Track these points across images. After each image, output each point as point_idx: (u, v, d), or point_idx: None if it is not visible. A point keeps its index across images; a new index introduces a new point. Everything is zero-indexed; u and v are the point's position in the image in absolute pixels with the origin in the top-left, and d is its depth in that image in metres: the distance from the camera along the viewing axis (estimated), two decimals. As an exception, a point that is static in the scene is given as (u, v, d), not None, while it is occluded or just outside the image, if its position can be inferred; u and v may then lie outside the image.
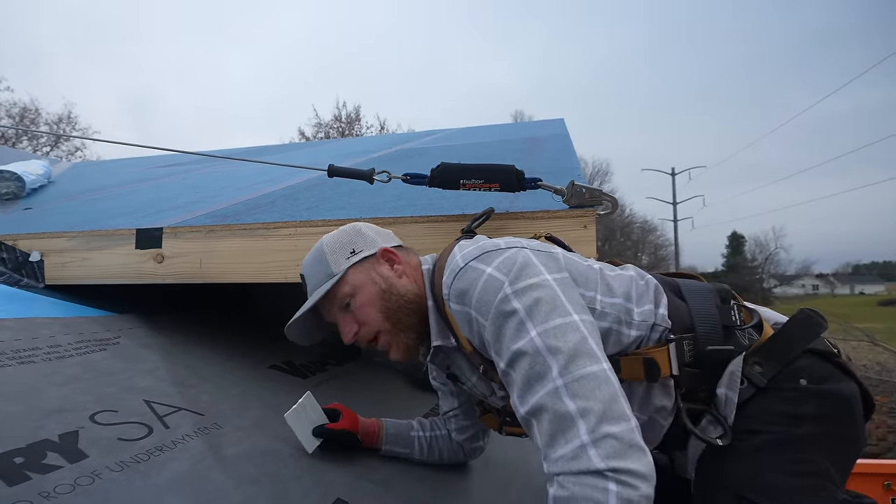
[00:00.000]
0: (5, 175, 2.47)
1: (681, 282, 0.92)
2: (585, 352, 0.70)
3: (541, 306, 0.73)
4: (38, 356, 1.09)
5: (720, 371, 0.83)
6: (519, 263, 0.77)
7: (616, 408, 0.67)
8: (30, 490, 0.71)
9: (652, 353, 0.81)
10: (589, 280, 0.84)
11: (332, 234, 0.99)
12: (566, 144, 2.54)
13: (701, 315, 0.85)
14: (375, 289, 0.91)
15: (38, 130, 15.01)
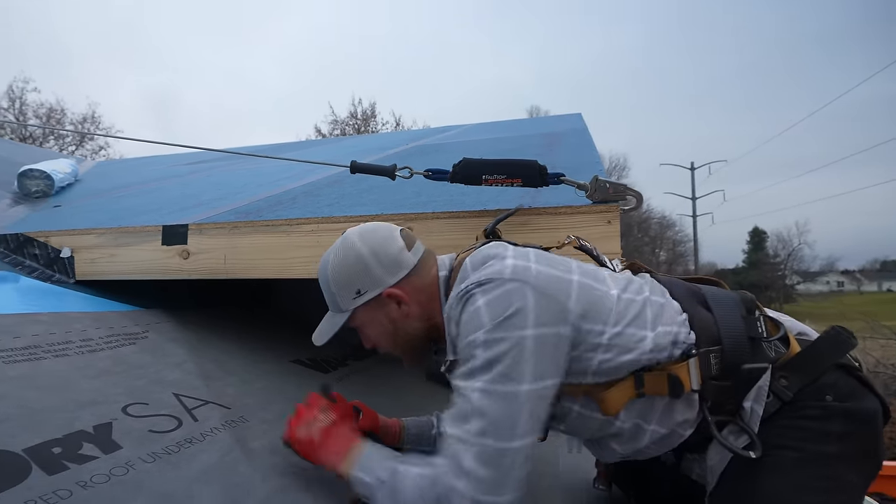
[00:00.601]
0: (35, 173, 2.53)
1: (706, 290, 0.91)
2: (509, 426, 0.73)
3: (499, 365, 0.75)
4: (72, 349, 1.12)
5: (750, 385, 0.82)
6: (510, 310, 0.76)
7: (506, 482, 0.73)
8: (68, 479, 0.73)
9: (675, 370, 0.82)
10: (601, 311, 0.82)
11: (338, 261, 0.90)
12: (585, 139, 2.51)
13: (727, 327, 0.84)
14: (382, 329, 0.93)
15: (65, 129, 15.42)
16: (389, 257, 0.89)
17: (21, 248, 1.64)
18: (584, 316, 0.80)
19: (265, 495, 0.85)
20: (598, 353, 0.81)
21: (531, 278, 0.79)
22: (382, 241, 0.90)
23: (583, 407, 0.87)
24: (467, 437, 0.74)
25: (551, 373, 0.78)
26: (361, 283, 0.89)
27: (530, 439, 0.76)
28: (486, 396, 0.74)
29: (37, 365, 1.01)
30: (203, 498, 0.79)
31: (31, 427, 0.81)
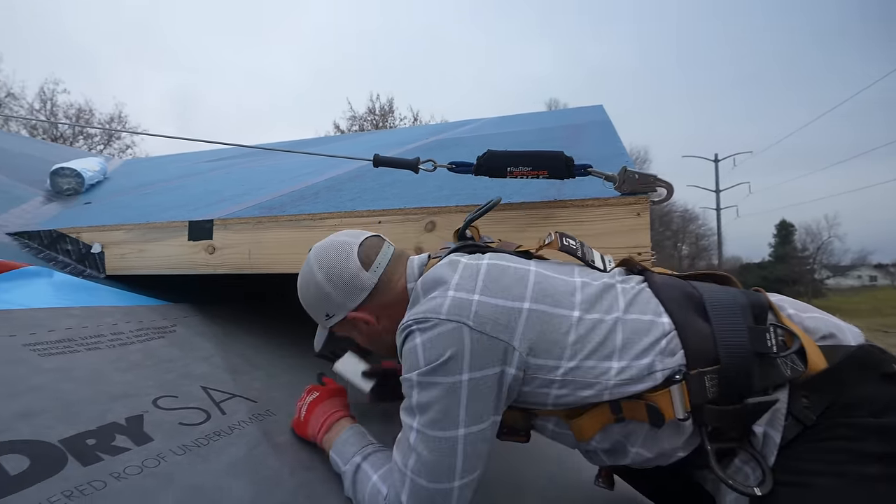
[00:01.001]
0: (66, 172, 2.60)
1: (707, 293, 0.78)
2: (444, 469, 0.73)
3: (432, 410, 0.73)
4: (103, 343, 1.15)
5: (759, 413, 0.71)
6: (444, 356, 0.72)
7: None
8: (102, 470, 0.74)
9: (655, 398, 0.72)
10: (554, 344, 0.74)
11: (303, 289, 0.92)
12: (608, 131, 2.46)
13: (728, 342, 0.72)
14: (361, 339, 0.95)
15: (94, 126, 15.87)
16: (344, 282, 0.87)
17: (54, 244, 1.68)
18: (532, 351, 0.74)
19: (293, 489, 0.85)
20: (552, 389, 0.75)
21: (469, 317, 0.73)
22: (336, 265, 0.87)
23: (556, 426, 0.83)
24: (405, 470, 0.75)
25: (490, 412, 0.74)
26: (327, 308, 0.90)
27: (470, 477, 0.74)
28: (422, 440, 0.74)
29: (71, 358, 1.03)
30: (233, 491, 0.79)
31: (67, 418, 0.83)
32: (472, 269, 0.79)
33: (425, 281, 0.81)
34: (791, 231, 29.89)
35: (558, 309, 0.76)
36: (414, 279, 0.88)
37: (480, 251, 0.88)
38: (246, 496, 0.79)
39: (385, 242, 0.93)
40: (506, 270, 0.79)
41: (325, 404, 0.99)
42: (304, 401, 1.01)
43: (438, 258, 0.88)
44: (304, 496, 0.84)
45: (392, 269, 0.89)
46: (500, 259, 0.82)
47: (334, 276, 0.87)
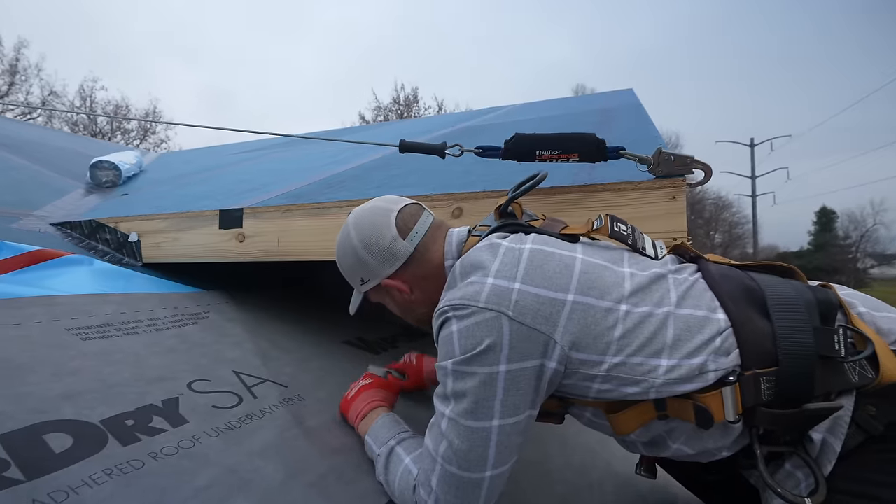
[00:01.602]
0: (105, 164, 2.69)
1: (769, 287, 0.72)
2: (476, 459, 0.71)
3: (466, 400, 0.71)
4: (140, 328, 1.18)
5: (817, 420, 0.67)
6: (481, 345, 0.69)
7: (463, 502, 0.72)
8: (141, 450, 0.76)
9: (704, 399, 0.67)
10: (598, 338, 0.69)
11: (340, 253, 0.91)
12: (640, 114, 2.37)
13: (790, 343, 0.66)
14: (396, 308, 0.95)
15: (131, 118, 16.45)
16: (381, 249, 0.86)
17: (94, 234, 1.75)
18: (574, 345, 0.69)
19: (323, 471, 0.86)
20: (594, 384, 0.72)
21: (510, 307, 0.69)
22: (374, 232, 0.86)
23: (594, 416, 0.81)
24: (436, 457, 0.74)
25: (526, 405, 0.71)
26: (362, 273, 0.90)
27: (502, 468, 0.73)
28: (453, 428, 0.72)
29: (110, 342, 1.07)
30: (266, 472, 0.81)
31: (107, 400, 0.86)
32: (513, 254, 0.74)
33: (464, 263, 0.77)
34: (832, 218, 28.52)
35: (604, 301, 0.71)
36: (452, 257, 0.86)
37: (523, 231, 0.82)
38: (278, 478, 0.80)
39: (425, 211, 0.91)
40: (550, 257, 0.74)
41: (370, 392, 1.00)
42: (358, 383, 1.04)
43: (479, 237, 0.84)
44: (335, 478, 0.85)
45: (430, 240, 0.88)
46: (545, 244, 0.76)
47: (370, 242, 0.86)
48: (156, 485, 0.71)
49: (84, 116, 15.53)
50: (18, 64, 14.90)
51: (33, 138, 3.53)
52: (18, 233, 1.63)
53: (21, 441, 0.70)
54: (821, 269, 23.33)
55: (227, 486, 0.75)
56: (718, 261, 0.82)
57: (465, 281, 0.74)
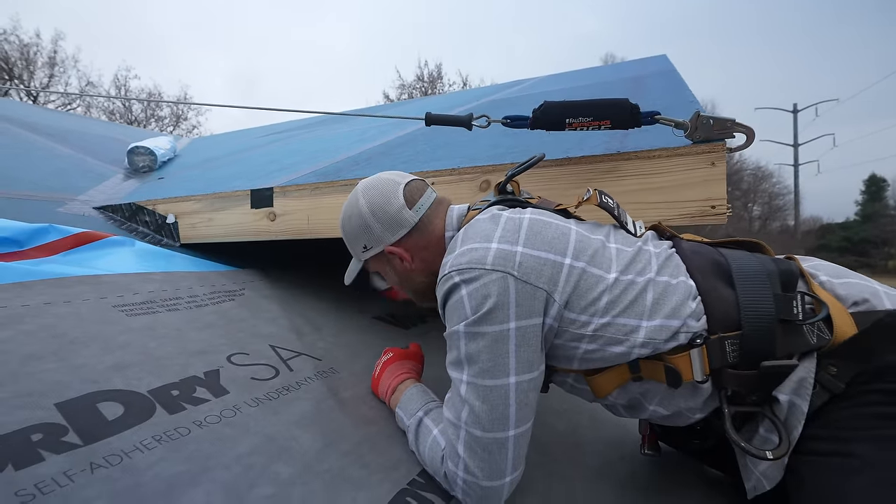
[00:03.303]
0: (141, 150, 2.78)
1: (735, 260, 0.78)
2: (498, 419, 0.73)
3: (481, 360, 0.74)
4: (181, 304, 1.23)
5: (779, 378, 0.72)
6: (489, 304, 0.73)
7: (500, 468, 0.74)
8: (186, 418, 0.80)
9: (674, 360, 0.74)
10: (590, 299, 0.75)
11: (346, 219, 0.95)
12: (675, 79, 2.27)
13: (751, 308, 0.73)
14: (393, 276, 0.97)
15: (165, 101, 16.88)
16: (388, 216, 0.90)
17: (134, 216, 1.81)
18: (568, 304, 0.75)
19: (358, 440, 0.88)
20: (582, 344, 0.77)
21: (514, 268, 0.74)
22: (382, 200, 0.90)
23: (575, 381, 0.86)
24: (459, 423, 0.76)
25: (536, 363, 0.76)
26: (366, 240, 0.92)
27: (524, 427, 0.75)
28: (472, 390, 0.75)
29: (154, 318, 1.11)
30: (303, 441, 0.84)
31: (153, 371, 0.90)
32: (514, 222, 0.80)
33: (467, 232, 0.82)
34: (882, 186, 26.81)
35: (595, 269, 0.77)
36: (453, 228, 0.91)
37: (521, 206, 0.88)
38: (314, 446, 0.83)
39: (428, 187, 0.95)
40: (548, 225, 0.80)
41: (394, 365, 1.03)
42: (381, 360, 1.06)
43: (478, 210, 0.89)
44: (368, 448, 0.87)
45: (433, 213, 0.92)
46: (542, 215, 0.83)
47: (378, 209, 0.90)
48: (201, 450, 0.74)
49: (120, 105, 16.03)
50: (56, 56, 15.44)
51: (74, 127, 3.67)
52: (64, 216, 1.71)
53: (77, 409, 0.75)
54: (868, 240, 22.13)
55: (268, 453, 0.78)
56: (692, 239, 0.88)
57: (468, 246, 0.78)
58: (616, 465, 1.07)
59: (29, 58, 14.79)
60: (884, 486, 0.65)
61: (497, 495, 0.76)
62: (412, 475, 0.84)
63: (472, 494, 0.76)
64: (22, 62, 14.62)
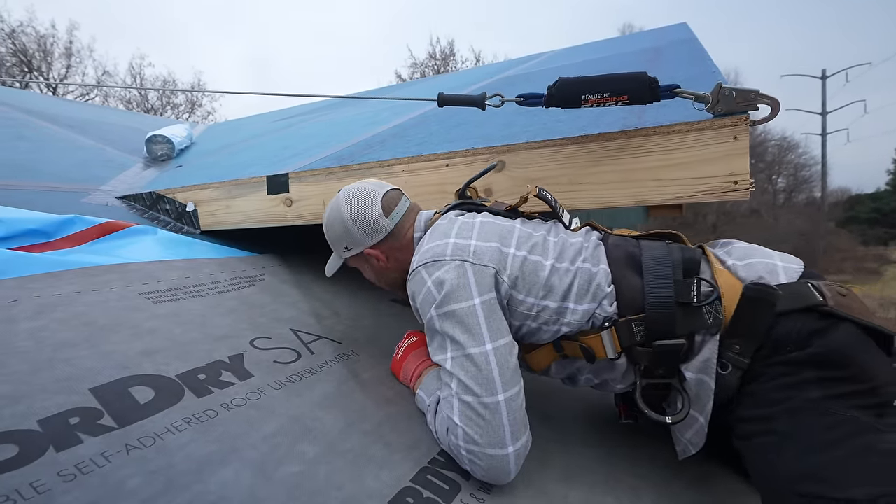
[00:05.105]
0: (159, 139, 2.82)
1: (647, 252, 0.88)
2: (485, 383, 0.80)
3: (457, 335, 0.83)
4: (204, 291, 1.26)
5: (673, 356, 0.82)
6: (450, 285, 0.84)
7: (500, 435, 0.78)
8: (213, 401, 0.83)
9: (588, 340, 0.86)
10: (532, 282, 0.86)
11: (329, 222, 1.05)
12: (696, 49, 2.18)
13: (653, 294, 0.83)
14: (370, 272, 1.09)
15: (180, 88, 17.02)
16: (367, 224, 1.01)
17: (155, 205, 1.85)
18: (514, 286, 0.86)
19: (379, 420, 0.91)
20: (526, 322, 0.88)
21: (469, 255, 0.86)
22: (362, 209, 1.01)
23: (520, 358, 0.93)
24: (451, 394, 0.82)
25: (506, 330, 0.84)
26: (347, 242, 1.03)
27: (512, 391, 0.81)
28: (457, 364, 0.82)
29: (178, 304, 1.15)
30: (326, 421, 0.86)
31: (181, 356, 0.93)
32: (468, 223, 0.93)
33: (431, 234, 0.94)
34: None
35: (536, 257, 0.88)
36: (420, 230, 1.02)
37: (476, 210, 1.00)
38: (337, 426, 0.86)
39: (403, 196, 1.07)
40: (496, 225, 0.92)
41: (418, 351, 1.04)
42: (403, 343, 1.09)
43: (440, 213, 1.01)
44: (389, 428, 0.89)
45: (405, 220, 1.04)
46: (491, 217, 0.95)
47: (359, 217, 1.01)
48: (229, 432, 0.77)
49: (136, 93, 16.19)
50: (72, 46, 15.59)
51: (93, 117, 3.73)
52: (89, 206, 1.75)
53: (111, 393, 0.78)
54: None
55: (293, 434, 0.81)
56: (621, 233, 0.97)
57: (431, 245, 0.90)
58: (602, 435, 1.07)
59: (46, 49, 14.97)
60: (806, 453, 0.71)
61: (502, 465, 0.78)
62: (433, 454, 0.85)
63: (478, 463, 0.78)
64: (40, 54, 14.82)
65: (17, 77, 13.40)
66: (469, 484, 0.80)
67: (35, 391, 0.74)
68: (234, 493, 0.67)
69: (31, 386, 0.75)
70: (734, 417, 0.81)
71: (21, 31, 14.16)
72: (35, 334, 0.89)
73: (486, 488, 0.80)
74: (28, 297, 1.00)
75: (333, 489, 0.72)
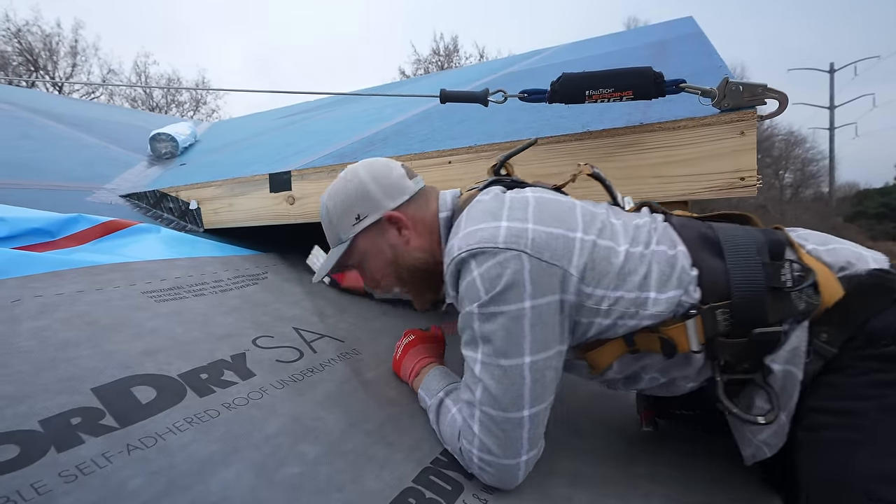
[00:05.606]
0: (163, 137, 2.82)
1: (724, 233, 0.79)
2: (512, 398, 0.73)
3: (496, 340, 0.73)
4: (207, 289, 1.26)
5: (770, 346, 0.73)
6: (503, 283, 0.72)
7: (516, 447, 0.74)
8: (215, 401, 0.82)
9: (669, 331, 0.74)
10: (604, 273, 0.74)
11: (338, 189, 0.91)
12: (702, 43, 2.16)
13: (741, 278, 0.73)
14: (384, 257, 0.91)
15: (183, 87, 17.08)
16: (390, 181, 0.89)
17: (159, 203, 1.85)
18: (584, 279, 0.74)
19: (381, 420, 0.90)
20: (597, 318, 0.76)
21: (527, 245, 0.72)
22: (383, 167, 0.91)
23: (574, 357, 0.84)
24: (474, 402, 0.76)
25: (555, 340, 0.75)
26: (361, 208, 0.88)
27: (540, 406, 0.75)
28: (486, 370, 0.74)
29: (181, 303, 1.14)
30: (328, 421, 0.86)
31: (183, 356, 0.93)
32: (520, 200, 0.79)
33: (470, 212, 0.80)
34: (928, 148, 25.28)
35: (605, 240, 0.76)
36: (447, 209, 0.89)
37: (519, 186, 0.87)
38: (339, 426, 0.85)
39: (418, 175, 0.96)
40: (554, 202, 0.79)
41: (417, 349, 1.03)
42: (402, 342, 1.06)
43: (473, 192, 0.88)
44: (392, 427, 0.89)
45: (428, 191, 0.93)
46: (544, 192, 0.82)
47: (379, 174, 0.89)
48: (231, 431, 0.77)
49: (142, 92, 16.26)
50: (77, 45, 15.66)
51: (98, 116, 3.74)
52: (93, 205, 1.76)
53: (113, 393, 0.78)
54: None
55: (294, 434, 0.80)
56: (682, 214, 0.89)
57: (477, 227, 0.76)
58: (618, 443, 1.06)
59: (52, 48, 15.06)
60: (888, 456, 0.65)
61: (513, 473, 0.77)
62: (435, 454, 0.85)
63: (489, 471, 0.77)
64: (45, 53, 14.91)
65: (24, 76, 13.48)
66: (472, 484, 0.79)
67: (37, 391, 0.74)
68: (236, 493, 0.66)
69: (34, 386, 0.75)
70: (804, 406, 0.74)
71: (27, 30, 14.25)
72: (38, 334, 0.89)
73: (489, 489, 0.79)
74: (31, 296, 1.00)
75: (334, 490, 0.72)
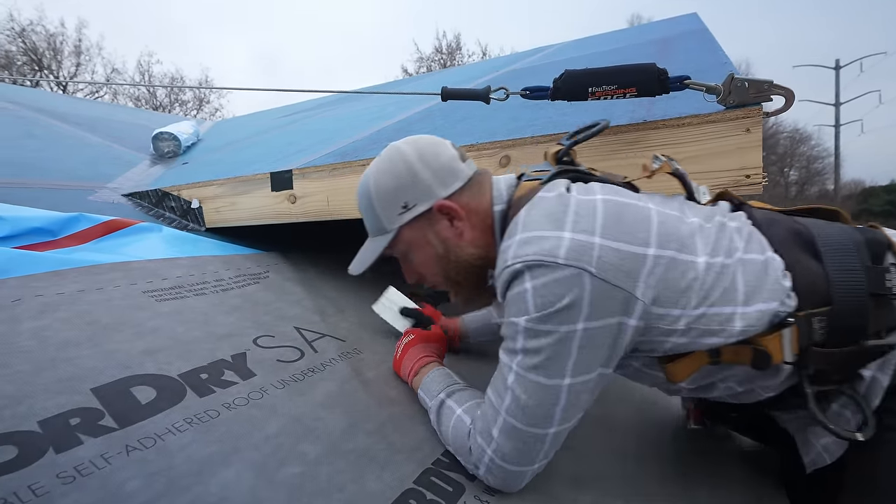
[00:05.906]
0: (165, 136, 2.82)
1: (816, 229, 0.72)
2: (542, 415, 0.70)
3: (537, 358, 0.68)
4: (208, 289, 1.26)
5: (873, 357, 0.68)
6: (560, 303, 0.65)
7: (532, 456, 0.72)
8: (215, 401, 0.82)
9: (764, 342, 0.68)
10: (681, 292, 0.67)
11: (382, 172, 0.80)
12: (706, 39, 2.14)
13: (842, 282, 0.67)
14: (432, 251, 0.83)
15: (185, 85, 17.13)
16: (441, 164, 0.78)
17: (161, 202, 1.85)
18: (656, 300, 0.67)
19: (382, 420, 0.89)
20: (671, 338, 0.70)
21: (591, 263, 0.64)
22: (433, 147, 0.79)
23: (645, 366, 0.78)
24: (500, 408, 0.72)
25: (598, 363, 0.69)
26: (409, 195, 0.78)
27: (567, 424, 0.72)
28: (521, 383, 0.70)
29: (182, 302, 1.14)
30: (329, 421, 0.85)
31: (183, 355, 0.92)
32: (588, 205, 0.69)
33: (530, 213, 0.71)
34: (935, 145, 25.06)
35: (684, 254, 0.68)
36: (502, 202, 0.79)
37: (583, 180, 0.78)
38: (340, 426, 0.84)
39: None
40: (626, 208, 0.70)
41: (417, 348, 1.02)
42: (402, 341, 1.06)
43: (533, 182, 0.78)
44: (392, 428, 0.88)
45: (482, 176, 0.82)
46: (616, 194, 0.72)
47: (430, 155, 0.78)
48: (231, 432, 0.76)
49: (145, 91, 16.31)
50: (81, 44, 15.72)
51: (102, 115, 3.75)
52: (95, 204, 1.76)
53: (112, 393, 0.77)
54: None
55: (294, 434, 0.80)
56: (762, 206, 0.82)
57: (536, 233, 0.68)
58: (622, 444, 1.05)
59: (56, 48, 15.12)
60: None
61: (519, 479, 0.76)
62: (436, 455, 0.84)
63: (496, 474, 0.75)
64: (50, 52, 14.97)
65: (28, 76, 13.54)
66: (473, 486, 0.79)
67: (37, 391, 0.74)
68: (236, 494, 0.66)
69: (34, 386, 0.75)
70: (882, 407, 0.70)
71: (31, 29, 14.31)
72: (38, 334, 0.89)
73: (491, 491, 0.78)
74: (31, 296, 1.00)
75: (335, 490, 0.71)
